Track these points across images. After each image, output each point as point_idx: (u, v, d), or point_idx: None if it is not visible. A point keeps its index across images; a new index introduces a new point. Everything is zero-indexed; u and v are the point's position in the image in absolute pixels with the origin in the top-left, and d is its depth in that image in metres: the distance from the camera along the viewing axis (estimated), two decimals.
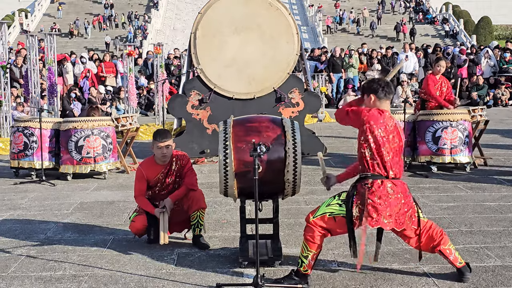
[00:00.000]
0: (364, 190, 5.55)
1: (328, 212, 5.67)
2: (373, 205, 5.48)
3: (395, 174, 5.59)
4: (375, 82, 5.77)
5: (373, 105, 5.69)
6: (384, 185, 5.52)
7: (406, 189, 5.67)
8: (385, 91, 5.69)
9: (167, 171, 7.18)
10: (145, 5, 68.54)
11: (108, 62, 25.41)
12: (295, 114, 12.93)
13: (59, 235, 7.70)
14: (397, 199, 5.53)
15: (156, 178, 7.16)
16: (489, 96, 25.00)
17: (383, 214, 5.48)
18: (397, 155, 5.65)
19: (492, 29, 59.96)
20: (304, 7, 64.71)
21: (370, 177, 5.57)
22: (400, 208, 5.55)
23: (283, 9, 13.01)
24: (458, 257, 5.79)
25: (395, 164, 5.59)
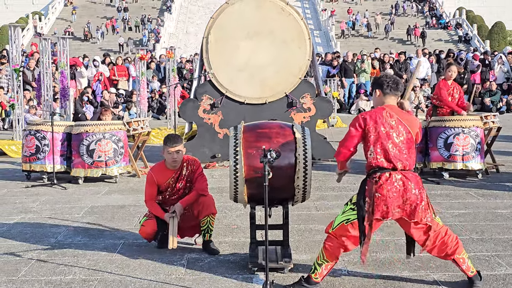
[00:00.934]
0: (372, 184, 5.54)
1: (345, 219, 5.65)
2: (382, 198, 5.46)
3: (404, 166, 5.56)
4: (382, 78, 5.81)
5: (379, 99, 5.75)
6: (392, 177, 5.49)
7: (418, 181, 5.61)
8: (391, 86, 5.70)
9: (178, 176, 7.18)
10: (158, 9, 68.75)
11: (120, 66, 25.50)
12: (306, 119, 12.93)
13: (69, 239, 7.71)
14: (406, 189, 5.50)
15: (166, 183, 7.17)
16: (502, 102, 24.92)
17: (391, 206, 5.46)
18: (406, 148, 5.60)
19: (505, 34, 59.71)
20: (317, 11, 64.79)
21: (378, 170, 5.55)
22: (411, 199, 5.50)
23: (296, 14, 13.02)
24: (471, 266, 5.77)
25: (403, 157, 5.55)
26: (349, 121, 6.13)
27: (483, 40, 54.40)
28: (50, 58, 16.68)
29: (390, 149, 5.54)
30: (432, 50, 32.97)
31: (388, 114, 5.62)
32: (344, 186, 10.63)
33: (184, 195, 7.18)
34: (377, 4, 71.47)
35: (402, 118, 5.64)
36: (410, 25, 60.83)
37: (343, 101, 25.75)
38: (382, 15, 66.41)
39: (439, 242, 5.67)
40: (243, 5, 13.00)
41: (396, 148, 5.55)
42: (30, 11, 65.33)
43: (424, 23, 63.25)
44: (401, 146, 5.58)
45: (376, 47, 40.61)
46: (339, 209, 5.96)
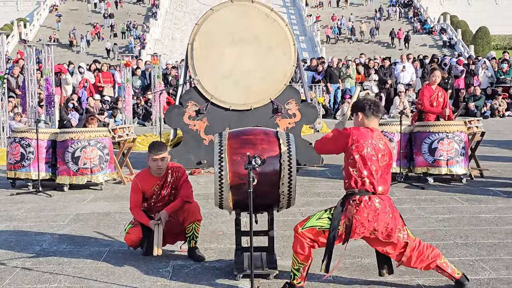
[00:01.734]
0: (351, 207, 5.59)
1: (318, 225, 5.70)
2: (361, 221, 5.55)
3: (384, 191, 5.66)
4: (362, 101, 5.90)
5: (361, 123, 5.82)
6: (372, 201, 5.57)
7: (392, 203, 5.73)
8: (372, 109, 5.81)
9: (163, 183, 7.18)
10: (143, 15, 68.75)
11: (106, 72, 25.43)
12: (291, 125, 12.95)
13: (54, 246, 7.70)
14: (385, 213, 5.59)
15: (151, 190, 7.17)
16: (486, 107, 25.03)
17: (369, 229, 5.54)
18: (386, 173, 5.73)
19: (490, 39, 60.17)
20: (303, 17, 64.96)
21: (357, 193, 5.62)
22: (388, 223, 5.60)
23: (280, 21, 13.04)
24: (455, 269, 5.81)
25: (383, 182, 5.67)
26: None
27: (468, 45, 54.71)
28: (35, 65, 16.64)
29: (374, 172, 5.61)
30: (416, 55, 33.09)
31: (378, 137, 5.69)
32: (330, 192, 10.67)
33: (169, 202, 7.19)
34: (361, 9, 71.80)
35: (387, 142, 5.74)
36: (393, 28, 61.30)
37: (328, 106, 25.78)
38: (367, 18, 66.89)
39: (415, 252, 5.72)
40: (228, 11, 13.01)
41: (379, 173, 5.64)
42: (15, 18, 65.07)
43: (410, 28, 63.55)
44: (383, 171, 5.67)
45: (361, 52, 40.78)
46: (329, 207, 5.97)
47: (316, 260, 6.19)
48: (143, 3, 73.05)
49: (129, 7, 71.31)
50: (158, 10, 66.01)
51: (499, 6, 75.21)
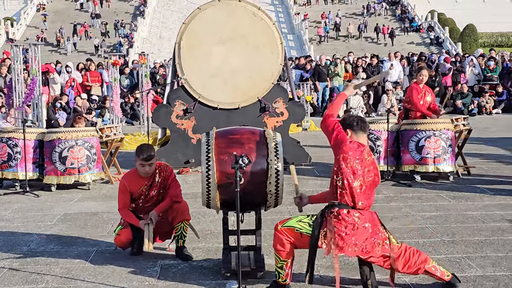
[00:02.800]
0: (331, 218, 5.61)
1: (297, 227, 5.71)
2: (339, 234, 5.55)
3: (364, 206, 5.67)
4: (349, 118, 5.96)
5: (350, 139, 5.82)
6: (351, 215, 5.59)
7: (374, 218, 5.73)
8: (360, 125, 5.88)
9: (151, 184, 7.18)
10: (131, 14, 68.54)
11: (93, 71, 25.36)
12: (279, 123, 12.96)
13: (42, 247, 7.68)
14: (364, 228, 5.59)
15: (139, 190, 7.16)
16: (474, 104, 25.14)
17: (348, 243, 5.54)
18: (370, 188, 5.74)
19: (477, 36, 60.37)
20: (291, 15, 64.97)
21: (337, 205, 5.64)
22: (367, 238, 5.59)
23: (267, 19, 13.05)
24: (444, 271, 5.83)
25: (366, 197, 5.69)
26: None
27: (455, 42, 54.87)
28: (22, 65, 16.57)
29: (357, 188, 5.64)
30: (404, 53, 33.19)
31: (367, 153, 5.72)
32: (318, 190, 10.63)
33: (158, 202, 7.19)
34: (349, 7, 71.93)
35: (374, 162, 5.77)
36: (378, 23, 61.63)
37: (316, 104, 25.83)
38: (355, 15, 67.18)
39: (401, 260, 5.72)
40: (215, 10, 13.00)
41: (363, 188, 5.66)
42: (2, 17, 64.75)
43: (397, 26, 63.71)
44: (367, 187, 5.69)
45: (349, 50, 40.86)
46: (312, 212, 5.99)
47: (303, 259, 6.21)
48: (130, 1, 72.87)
49: (117, 5, 71.08)
50: (146, 9, 65.86)
51: (486, 4, 75.40)
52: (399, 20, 65.76)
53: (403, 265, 5.72)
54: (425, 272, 5.79)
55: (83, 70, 25.86)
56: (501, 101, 25.86)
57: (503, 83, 26.55)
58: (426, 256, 5.83)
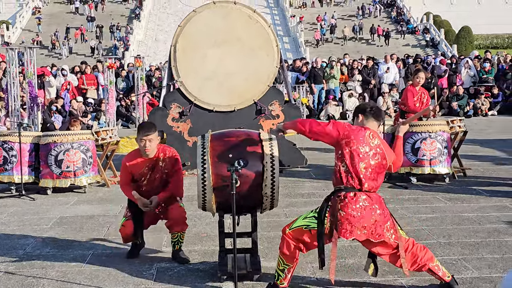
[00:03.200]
0: (336, 202, 5.59)
1: (304, 225, 5.69)
2: (346, 217, 5.51)
3: (370, 188, 5.63)
4: (365, 104, 6.05)
5: (360, 123, 5.82)
6: (357, 197, 5.56)
7: (382, 201, 5.71)
8: (373, 111, 5.89)
9: (153, 166, 7.10)
10: (127, 16, 68.56)
11: (89, 75, 25.36)
12: (275, 126, 12.92)
13: (38, 250, 7.67)
14: (372, 209, 5.56)
15: (141, 171, 7.09)
16: (469, 106, 25.17)
17: (356, 226, 5.50)
18: (376, 172, 5.70)
19: (472, 38, 60.48)
20: (286, 18, 65.00)
21: (343, 189, 5.61)
22: (376, 220, 5.56)
23: (263, 22, 13.05)
24: (446, 272, 5.83)
25: (371, 180, 5.65)
26: None
27: (451, 44, 54.97)
28: (18, 68, 16.57)
29: (362, 169, 5.61)
30: (400, 55, 33.22)
31: (371, 135, 5.71)
32: (313, 192, 10.68)
33: (158, 187, 7.11)
34: (345, 9, 72.03)
35: (382, 144, 5.74)
36: (373, 24, 61.84)
37: (312, 107, 25.83)
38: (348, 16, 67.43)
39: (409, 255, 5.71)
40: (211, 13, 13.00)
41: (368, 170, 5.63)
42: None
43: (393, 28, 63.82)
44: (373, 169, 5.66)
45: (345, 52, 40.90)
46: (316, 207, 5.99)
47: (301, 261, 6.22)
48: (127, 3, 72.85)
49: (112, 8, 71.08)
50: (142, 12, 65.89)
51: (482, 6, 75.61)
52: (395, 22, 65.86)
53: (410, 260, 5.71)
54: (428, 270, 5.79)
55: (79, 73, 25.85)
56: (496, 103, 25.88)
57: (498, 85, 26.58)
58: (432, 254, 5.83)
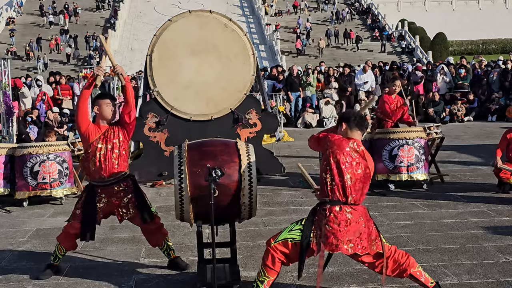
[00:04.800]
0: (322, 216, 5.57)
1: (290, 237, 5.67)
2: (332, 231, 5.50)
3: (355, 200, 5.63)
4: (349, 113, 5.98)
5: (344, 133, 5.81)
6: (343, 211, 5.55)
7: (366, 213, 5.71)
8: (357, 121, 5.85)
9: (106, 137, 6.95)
10: (101, 26, 68.21)
11: (64, 85, 25.19)
12: (252, 134, 12.93)
13: (14, 263, 7.58)
14: (357, 223, 5.56)
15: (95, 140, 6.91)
16: (445, 112, 25.28)
17: (342, 240, 5.49)
18: (361, 182, 5.69)
19: (447, 45, 60.89)
20: (262, 26, 65.05)
21: (328, 202, 5.60)
22: (361, 233, 5.56)
23: (239, 30, 13.03)
24: (429, 277, 5.83)
25: (357, 191, 5.64)
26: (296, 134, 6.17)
27: (426, 51, 55.31)
28: None
29: (348, 180, 5.60)
30: (376, 62, 33.33)
31: (355, 145, 5.69)
32: (292, 201, 10.66)
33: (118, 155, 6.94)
34: (319, 15, 72.28)
35: (366, 153, 5.73)
36: (346, 28, 62.19)
37: (289, 115, 25.83)
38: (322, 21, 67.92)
39: (391, 261, 5.71)
40: (187, 22, 12.96)
41: (353, 181, 5.62)
42: None
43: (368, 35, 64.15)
44: (358, 179, 5.65)
45: (320, 60, 40.98)
46: (287, 223, 5.97)
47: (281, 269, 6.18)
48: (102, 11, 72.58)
49: (87, 18, 70.69)
50: (117, 21, 65.62)
51: (456, 12, 76.32)
52: (370, 29, 66.16)
53: (391, 267, 5.71)
54: (410, 276, 5.78)
55: (53, 83, 25.67)
56: (472, 109, 26.01)
57: (474, 91, 26.74)
58: (414, 260, 5.82)
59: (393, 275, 5.79)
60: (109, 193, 6.89)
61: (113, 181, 6.89)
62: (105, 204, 6.91)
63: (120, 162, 6.94)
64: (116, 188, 6.89)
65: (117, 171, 6.90)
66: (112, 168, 6.87)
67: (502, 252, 7.37)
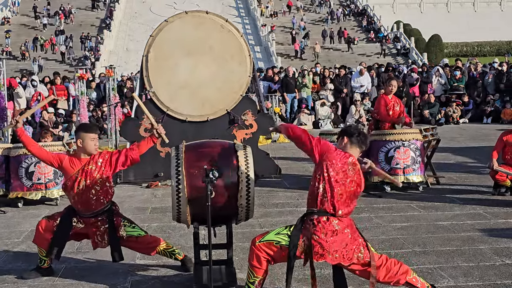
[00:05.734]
0: (309, 226, 5.57)
1: (276, 240, 5.66)
2: (319, 241, 5.51)
3: (343, 214, 5.63)
4: (354, 128, 5.92)
5: (343, 147, 5.78)
6: (330, 221, 5.55)
7: (352, 224, 5.71)
8: (359, 139, 5.81)
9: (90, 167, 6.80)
10: (97, 26, 68.10)
11: (59, 85, 25.14)
12: (248, 135, 12.92)
13: (9, 264, 7.55)
14: (343, 234, 5.57)
15: (75, 172, 6.79)
16: (441, 114, 25.30)
17: (328, 250, 5.50)
18: (351, 198, 5.69)
19: (442, 46, 60.97)
20: (258, 27, 65.04)
21: (316, 213, 5.59)
22: (347, 244, 5.57)
23: (235, 31, 13.02)
24: (424, 282, 5.82)
25: (345, 206, 5.64)
26: None
27: (421, 53, 55.36)
28: None
29: (338, 196, 5.59)
30: (371, 64, 33.34)
31: (351, 163, 5.67)
32: (288, 202, 10.64)
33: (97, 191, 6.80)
34: (314, 16, 72.32)
35: (360, 172, 5.72)
36: (341, 27, 62.32)
37: (285, 116, 25.84)
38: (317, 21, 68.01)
39: (383, 270, 5.69)
40: (183, 23, 12.94)
41: (344, 196, 5.61)
42: None
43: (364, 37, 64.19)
44: (348, 196, 5.65)
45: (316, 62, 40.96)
46: (283, 225, 5.95)
47: (275, 272, 6.17)
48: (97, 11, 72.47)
49: (82, 18, 70.53)
50: (112, 22, 65.52)
51: (451, 14, 76.47)
52: (366, 31, 66.19)
53: (384, 275, 5.69)
54: (406, 284, 5.76)
55: (49, 83, 25.61)
56: (467, 111, 26.05)
57: (469, 93, 26.78)
58: (407, 267, 5.81)
59: (388, 282, 5.76)
60: (86, 222, 6.86)
61: (91, 216, 6.84)
62: (83, 227, 6.87)
63: (99, 198, 6.80)
64: (93, 219, 6.85)
65: (95, 209, 6.82)
66: (90, 206, 6.80)
67: (499, 254, 7.37)
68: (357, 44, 60.85)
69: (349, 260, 5.58)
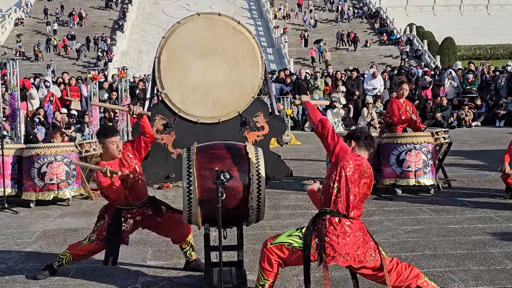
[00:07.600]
0: (322, 226, 5.57)
1: (288, 242, 5.67)
2: (330, 243, 5.51)
3: (355, 216, 5.64)
4: (360, 131, 5.95)
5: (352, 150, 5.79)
6: (342, 224, 5.55)
7: (364, 227, 5.71)
8: (367, 141, 5.85)
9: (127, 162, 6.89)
10: (110, 27, 68.28)
11: (73, 86, 25.24)
12: (260, 137, 12.93)
13: (21, 264, 7.58)
14: (355, 237, 5.57)
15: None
16: (453, 117, 25.25)
17: (340, 252, 5.50)
18: (362, 200, 5.71)
19: (455, 49, 60.80)
20: (270, 29, 65.05)
21: (328, 213, 5.60)
22: (359, 246, 5.57)
23: (247, 33, 13.04)
24: (436, 286, 5.81)
25: (357, 207, 5.66)
26: (303, 138, 6.14)
27: (434, 55, 55.21)
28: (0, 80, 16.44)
29: (352, 197, 5.60)
30: (384, 66, 33.30)
31: (366, 166, 5.69)
32: (299, 204, 10.65)
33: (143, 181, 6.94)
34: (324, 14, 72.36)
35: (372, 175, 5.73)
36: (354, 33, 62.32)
37: (296, 118, 25.85)
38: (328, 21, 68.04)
39: (394, 274, 5.68)
40: (195, 24, 12.97)
41: (357, 198, 5.62)
42: None
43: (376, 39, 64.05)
44: (361, 198, 5.67)
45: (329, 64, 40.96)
46: (294, 227, 5.96)
47: (285, 274, 6.17)
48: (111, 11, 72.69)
49: (95, 19, 70.75)
50: (125, 23, 65.67)
51: (465, 17, 76.17)
52: (378, 33, 66.05)
53: (396, 279, 5.68)
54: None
55: (62, 84, 25.72)
56: (480, 114, 26.00)
57: (482, 96, 26.71)
58: (418, 271, 5.79)
59: (399, 286, 5.76)
60: (133, 216, 6.88)
61: (140, 205, 6.91)
62: (130, 225, 6.89)
63: (144, 185, 6.99)
64: (141, 209, 6.91)
65: (144, 195, 6.96)
66: (142, 194, 6.93)
67: (509, 258, 7.35)
68: (369, 46, 60.73)
69: (360, 263, 5.57)
